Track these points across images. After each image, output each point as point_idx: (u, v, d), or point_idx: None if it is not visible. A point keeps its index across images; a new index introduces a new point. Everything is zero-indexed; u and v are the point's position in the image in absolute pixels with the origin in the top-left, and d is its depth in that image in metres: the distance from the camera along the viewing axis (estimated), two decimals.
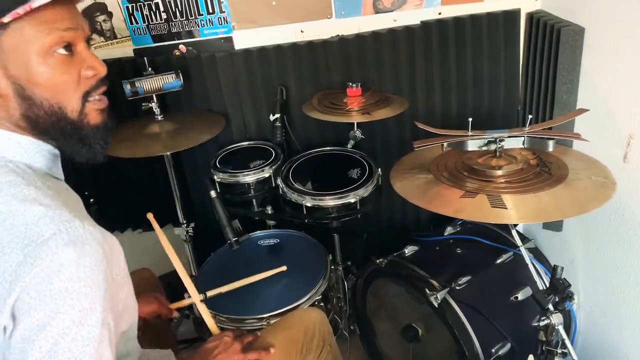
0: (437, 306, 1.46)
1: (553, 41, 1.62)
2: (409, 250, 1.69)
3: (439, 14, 1.86)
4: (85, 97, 0.80)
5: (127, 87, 1.61)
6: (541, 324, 1.24)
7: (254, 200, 1.88)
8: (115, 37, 1.83)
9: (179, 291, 1.47)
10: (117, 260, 0.80)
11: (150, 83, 1.64)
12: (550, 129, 1.40)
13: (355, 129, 1.81)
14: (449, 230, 1.81)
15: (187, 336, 1.99)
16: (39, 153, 0.81)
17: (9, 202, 0.71)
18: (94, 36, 1.81)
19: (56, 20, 0.74)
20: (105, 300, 0.73)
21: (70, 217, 0.72)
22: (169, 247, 1.34)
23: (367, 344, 1.90)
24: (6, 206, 0.71)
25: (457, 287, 1.50)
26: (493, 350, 1.45)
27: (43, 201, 0.73)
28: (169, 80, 1.66)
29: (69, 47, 0.77)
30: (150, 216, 1.36)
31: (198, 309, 1.31)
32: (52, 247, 0.68)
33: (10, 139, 0.78)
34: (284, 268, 1.50)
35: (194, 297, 1.32)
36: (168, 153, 1.75)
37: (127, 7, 1.78)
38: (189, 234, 1.93)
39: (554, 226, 1.81)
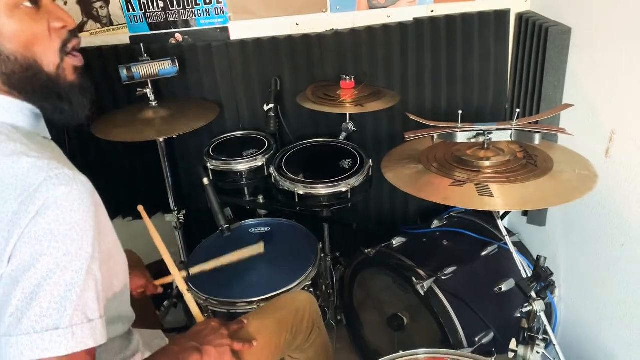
0: (423, 295, 1.49)
1: (541, 40, 1.67)
2: (396, 241, 1.73)
3: (432, 11, 1.90)
4: (63, 49, 0.81)
5: (124, 72, 1.62)
6: (524, 310, 1.28)
7: (245, 189, 1.91)
8: (112, 24, 1.84)
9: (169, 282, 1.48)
10: (104, 215, 0.81)
11: (146, 68, 1.66)
12: (536, 123, 1.45)
13: (348, 121, 1.84)
14: (435, 223, 1.85)
15: (175, 325, 2.00)
16: (20, 112, 0.81)
17: None
18: (90, 22, 1.82)
19: None
20: (93, 248, 0.73)
21: (58, 165, 0.73)
22: (155, 232, 1.33)
23: (353, 334, 1.93)
24: None
25: (443, 277, 1.54)
26: (476, 339, 1.49)
27: (30, 154, 0.73)
28: (165, 67, 1.68)
29: (34, 0, 0.78)
30: (140, 208, 1.35)
31: (184, 296, 1.30)
32: (44, 191, 0.69)
33: None
34: (261, 249, 1.50)
35: (175, 274, 1.32)
36: (161, 139, 1.77)
37: None
38: (180, 221, 1.95)
39: (538, 221, 1.86)
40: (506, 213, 1.91)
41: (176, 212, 1.94)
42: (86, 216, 0.71)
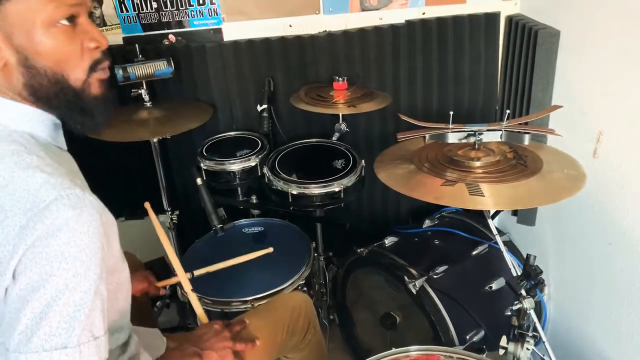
0: (415, 293, 1.51)
1: (530, 43, 1.70)
2: (389, 241, 1.75)
3: (423, 14, 1.92)
4: (93, 68, 0.83)
5: (120, 73, 1.63)
6: (514, 308, 1.30)
7: (239, 189, 1.92)
8: (105, 25, 1.85)
9: (162, 278, 1.48)
10: (113, 232, 0.82)
11: (142, 69, 1.67)
12: (526, 124, 1.47)
13: (341, 121, 1.86)
14: (427, 222, 1.87)
15: (168, 325, 2.01)
16: (41, 123, 0.82)
17: (12, 169, 0.73)
18: None
19: None
20: (100, 268, 0.74)
21: (70, 184, 0.74)
22: (162, 232, 1.34)
23: (346, 333, 1.94)
24: (9, 173, 0.72)
25: (435, 276, 1.56)
26: (468, 337, 1.51)
27: (45, 169, 0.74)
28: (161, 67, 1.69)
29: (72, 18, 0.79)
30: (147, 205, 1.36)
31: (188, 297, 1.30)
32: (54, 210, 0.70)
33: (13, 109, 0.79)
34: (270, 249, 1.51)
35: (181, 275, 1.32)
36: (155, 139, 1.77)
37: None
38: (173, 221, 1.95)
39: (528, 220, 1.89)
40: (497, 213, 1.93)
41: (169, 213, 1.94)
42: (95, 238, 0.73)
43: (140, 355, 0.97)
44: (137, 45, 1.76)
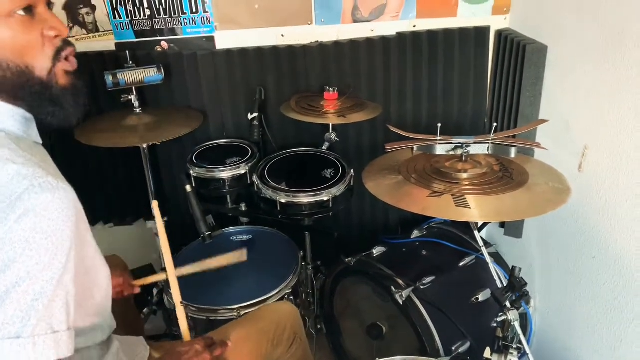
0: (401, 303, 1.51)
1: (519, 57, 1.72)
2: (377, 250, 1.75)
3: (414, 26, 1.95)
4: (56, 57, 0.82)
5: (109, 78, 1.63)
6: (498, 319, 1.31)
7: (228, 197, 1.92)
8: (98, 31, 1.85)
9: (150, 285, 1.47)
10: (85, 221, 0.81)
11: (132, 75, 1.67)
12: (514, 137, 1.49)
13: (331, 131, 1.87)
14: (415, 233, 1.87)
15: (154, 333, 1.99)
16: (11, 117, 0.81)
17: None
18: (76, 28, 1.83)
19: None
20: (68, 259, 0.72)
21: (43, 173, 0.73)
22: (163, 232, 1.31)
23: (333, 343, 1.94)
24: None
25: (422, 287, 1.57)
26: (453, 348, 1.52)
27: (17, 160, 0.73)
28: (151, 74, 1.69)
29: (29, 9, 0.78)
30: (154, 204, 1.32)
31: (175, 309, 1.27)
32: (25, 199, 0.69)
33: None
34: (244, 252, 1.43)
35: (174, 287, 1.28)
36: (144, 145, 1.77)
37: (111, 2, 1.80)
38: None
39: (515, 233, 1.90)
40: (484, 225, 1.95)
41: None
42: (64, 226, 0.71)
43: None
44: (127, 52, 1.76)
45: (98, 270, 0.88)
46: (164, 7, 1.83)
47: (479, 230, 1.53)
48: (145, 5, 1.82)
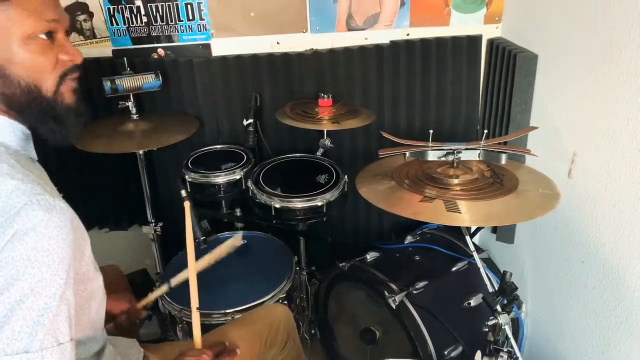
0: (394, 308, 1.53)
1: (510, 65, 1.75)
2: (370, 255, 1.76)
3: (407, 35, 1.97)
4: (62, 78, 0.85)
5: (107, 85, 1.65)
6: (489, 323, 1.33)
7: (223, 202, 1.93)
8: (95, 37, 1.87)
9: (144, 289, 1.47)
10: (85, 239, 0.83)
11: (130, 82, 1.69)
12: (505, 143, 1.52)
13: (325, 137, 1.89)
14: (408, 239, 1.89)
15: (148, 338, 2.00)
16: (12, 133, 0.84)
17: None
18: (73, 35, 1.85)
19: (42, 10, 0.80)
20: (67, 274, 0.74)
21: (41, 190, 0.75)
22: (191, 239, 1.30)
23: (327, 348, 1.95)
24: None
25: (415, 291, 1.58)
26: (445, 352, 1.53)
27: (16, 176, 0.75)
28: (149, 80, 1.71)
29: (50, 34, 0.82)
30: (187, 204, 1.34)
31: (192, 315, 1.22)
32: (23, 215, 0.71)
33: None
34: (239, 239, 1.46)
35: (193, 293, 1.24)
36: (141, 151, 1.79)
37: (109, 9, 1.83)
38: (157, 232, 1.95)
39: (507, 238, 1.93)
40: (477, 230, 1.97)
41: (153, 224, 1.95)
42: (63, 243, 0.73)
43: None
44: (125, 59, 1.78)
45: (94, 280, 0.89)
46: (161, 14, 1.85)
47: (472, 236, 1.54)
48: (143, 12, 1.84)
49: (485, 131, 1.47)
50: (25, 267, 0.70)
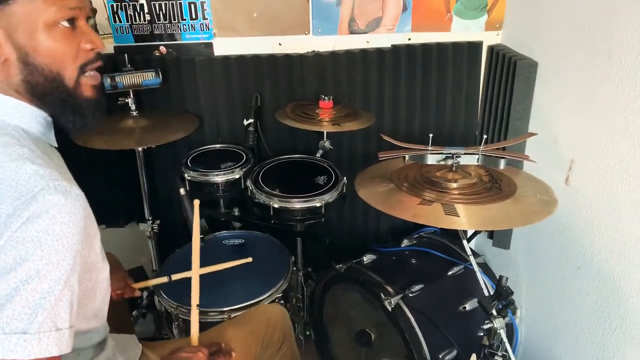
0: (390, 310, 1.53)
1: (510, 72, 1.77)
2: (367, 258, 1.77)
3: (409, 39, 1.99)
4: (82, 68, 0.86)
5: (107, 81, 1.65)
6: (484, 327, 1.34)
7: (221, 201, 1.93)
8: (97, 33, 1.87)
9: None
10: (95, 229, 0.84)
11: (129, 78, 1.69)
12: (504, 149, 1.53)
13: (325, 139, 1.89)
14: (405, 242, 1.89)
15: (142, 336, 1.99)
16: (34, 119, 0.85)
17: (3, 160, 0.75)
18: None
19: None
20: (74, 261, 0.75)
21: (59, 176, 0.76)
22: (197, 236, 1.30)
23: (321, 349, 1.95)
24: (0, 163, 0.74)
25: (411, 294, 1.59)
26: (440, 356, 1.53)
27: (35, 161, 0.76)
28: (148, 78, 1.72)
29: (71, 21, 0.83)
30: (196, 203, 1.33)
31: (191, 312, 1.23)
32: (39, 199, 0.72)
33: (8, 103, 0.83)
34: (249, 259, 1.52)
35: (195, 290, 1.25)
36: (140, 148, 1.79)
37: (112, 6, 1.83)
38: (154, 230, 1.95)
39: (503, 244, 1.94)
40: (474, 235, 1.98)
41: (150, 222, 1.95)
42: (74, 229, 0.74)
43: (116, 358, 0.97)
44: (126, 55, 1.78)
45: (100, 270, 0.90)
46: (164, 12, 1.86)
47: (469, 240, 1.55)
48: (146, 10, 1.85)
49: (485, 136, 1.49)
50: (34, 248, 0.71)
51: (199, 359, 1.11)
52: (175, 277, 1.42)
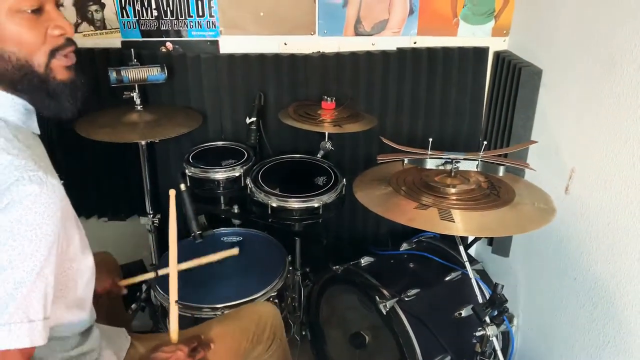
0: (385, 314, 1.53)
1: (515, 79, 1.76)
2: (364, 260, 1.77)
3: (414, 43, 1.98)
4: (52, 53, 0.85)
5: (113, 75, 1.66)
6: (477, 334, 1.33)
7: (221, 198, 1.94)
8: (105, 28, 1.89)
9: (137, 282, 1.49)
10: (72, 219, 0.83)
11: (135, 73, 1.70)
12: (506, 156, 1.52)
13: (326, 140, 1.89)
14: (404, 246, 1.89)
15: (141, 329, 2.00)
16: (12, 107, 0.84)
17: None
18: (84, 24, 1.87)
19: None
20: (49, 252, 0.74)
21: (35, 167, 0.75)
22: (174, 230, 1.30)
23: (317, 350, 1.95)
24: None
25: (406, 298, 1.58)
26: None
27: (11, 151, 0.76)
28: (154, 73, 1.73)
29: (37, 9, 0.82)
30: (172, 192, 1.33)
31: (170, 308, 1.23)
32: (13, 191, 0.71)
33: None
34: (235, 251, 1.51)
35: (173, 284, 1.25)
36: (143, 142, 1.80)
37: (120, 1, 1.85)
38: (155, 224, 1.97)
39: (502, 251, 1.92)
40: (473, 242, 1.98)
41: (151, 216, 1.96)
42: (49, 220, 0.74)
43: (102, 350, 0.98)
44: (132, 50, 1.80)
45: (81, 259, 0.90)
46: (171, 9, 1.87)
47: (468, 247, 1.55)
48: (153, 6, 1.86)
49: (485, 142, 1.48)
50: (6, 238, 0.70)
51: (178, 358, 1.10)
52: (162, 272, 1.42)
